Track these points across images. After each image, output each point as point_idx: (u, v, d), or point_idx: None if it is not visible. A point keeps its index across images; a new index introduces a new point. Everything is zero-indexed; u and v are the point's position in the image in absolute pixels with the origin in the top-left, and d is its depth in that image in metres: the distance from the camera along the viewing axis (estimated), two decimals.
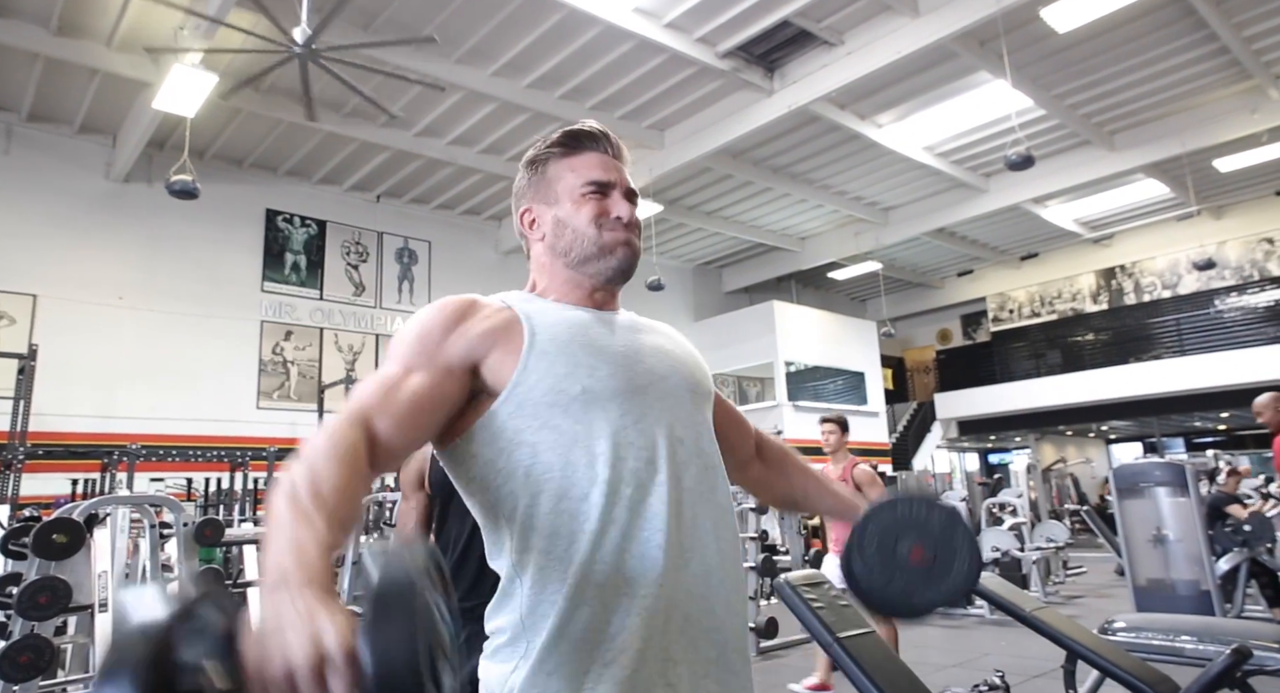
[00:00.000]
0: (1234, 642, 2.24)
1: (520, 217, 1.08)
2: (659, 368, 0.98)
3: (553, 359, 0.91)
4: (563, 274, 1.02)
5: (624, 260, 1.01)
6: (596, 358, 0.93)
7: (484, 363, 0.91)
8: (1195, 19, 7.62)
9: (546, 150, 1.05)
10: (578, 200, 1.01)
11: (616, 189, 1.03)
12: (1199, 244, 12.84)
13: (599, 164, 1.03)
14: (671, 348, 1.04)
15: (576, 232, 1.01)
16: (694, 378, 1.03)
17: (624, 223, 1.01)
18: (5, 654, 2.94)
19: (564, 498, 0.87)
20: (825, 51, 7.83)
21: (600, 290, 1.03)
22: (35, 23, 6.95)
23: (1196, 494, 4.82)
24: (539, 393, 0.89)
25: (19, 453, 6.46)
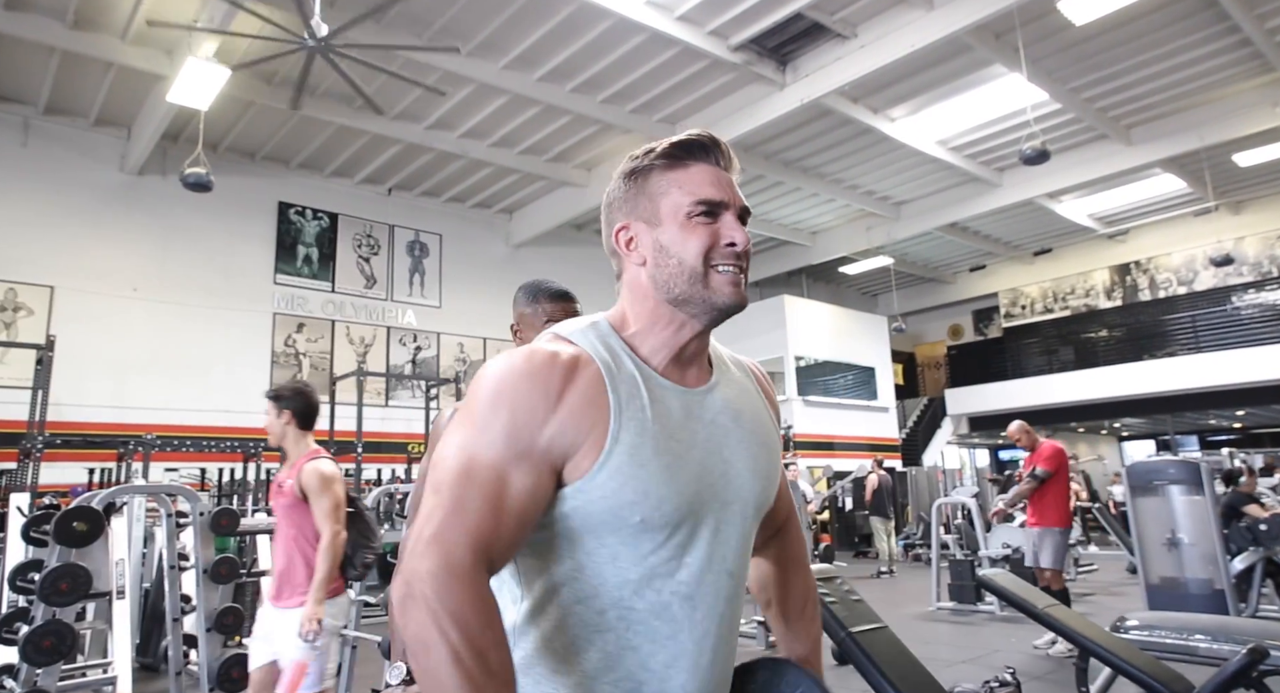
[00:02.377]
0: (1249, 641, 2.23)
1: (615, 234, 0.94)
2: (726, 491, 0.90)
3: (623, 480, 0.83)
4: (661, 311, 0.91)
5: (730, 304, 0.91)
6: (668, 485, 0.84)
7: (572, 458, 0.83)
8: (1216, 10, 7.52)
9: (650, 161, 0.93)
10: (685, 223, 0.90)
11: (729, 210, 0.92)
12: (1216, 240, 12.72)
13: (710, 179, 0.92)
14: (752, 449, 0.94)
15: (682, 264, 0.89)
16: (762, 497, 0.95)
17: (736, 253, 0.90)
18: (29, 639, 2.99)
19: (582, 603, 0.85)
20: (838, 44, 7.78)
21: (696, 340, 0.93)
22: (52, 16, 7.00)
23: (1211, 493, 4.79)
24: (597, 509, 0.83)
25: (38, 442, 6.54)
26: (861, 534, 12.28)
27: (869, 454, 12.55)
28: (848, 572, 9.13)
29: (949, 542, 7.75)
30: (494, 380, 0.84)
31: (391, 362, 10.87)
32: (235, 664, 3.54)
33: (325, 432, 9.34)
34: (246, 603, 5.53)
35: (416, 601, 0.74)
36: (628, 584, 0.84)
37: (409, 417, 10.50)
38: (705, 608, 0.87)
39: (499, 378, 0.84)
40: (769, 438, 0.98)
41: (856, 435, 14.07)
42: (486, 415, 0.83)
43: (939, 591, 6.97)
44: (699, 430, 0.90)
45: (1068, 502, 5.26)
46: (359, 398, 9.09)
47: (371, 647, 3.84)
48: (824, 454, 13.15)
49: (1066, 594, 5.16)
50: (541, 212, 11.51)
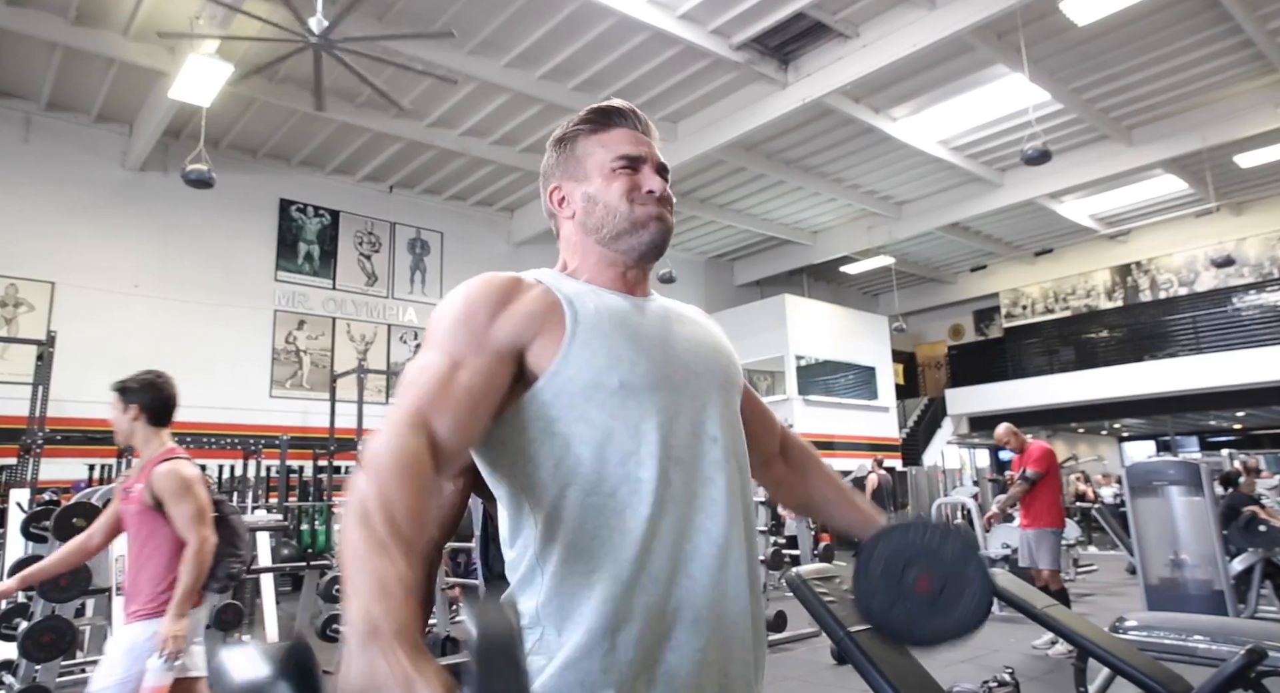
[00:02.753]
0: (1248, 642, 2.23)
1: (549, 195, 1.05)
2: (694, 362, 0.97)
3: (593, 350, 0.89)
4: (595, 252, 1.00)
5: (657, 235, 0.99)
6: (634, 350, 0.91)
7: (529, 349, 0.89)
8: (1219, 11, 7.51)
9: (575, 128, 1.04)
10: (608, 175, 1.00)
11: (647, 163, 1.01)
12: (1218, 241, 12.71)
13: (629, 139, 1.02)
14: (704, 338, 1.02)
15: (608, 207, 0.99)
16: (727, 372, 1.02)
17: (656, 197, 0.99)
18: (28, 635, 2.99)
19: (593, 493, 0.86)
20: (840, 44, 7.77)
21: (633, 269, 1.01)
22: (54, 12, 7.00)
23: (1211, 494, 4.79)
24: (577, 385, 0.87)
25: (38, 438, 6.54)
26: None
27: (869, 454, 12.55)
28: (847, 571, 9.12)
29: None
30: (443, 310, 0.91)
31: (393, 359, 10.87)
32: None
33: (325, 429, 9.36)
34: (246, 600, 5.54)
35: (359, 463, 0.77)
36: (629, 458, 0.87)
37: None
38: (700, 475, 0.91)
39: (447, 306, 0.92)
40: (716, 334, 1.07)
41: (857, 435, 14.07)
42: (441, 332, 0.89)
43: None
44: (651, 320, 0.98)
45: (1060, 502, 5.27)
46: (360, 395, 9.09)
47: None
48: (824, 454, 12.99)
49: (1065, 594, 5.17)
50: (543, 210, 11.49)
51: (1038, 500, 5.21)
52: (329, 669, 0.61)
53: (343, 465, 9.31)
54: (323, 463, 9.11)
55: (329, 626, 4.57)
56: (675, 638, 0.86)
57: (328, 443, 9.15)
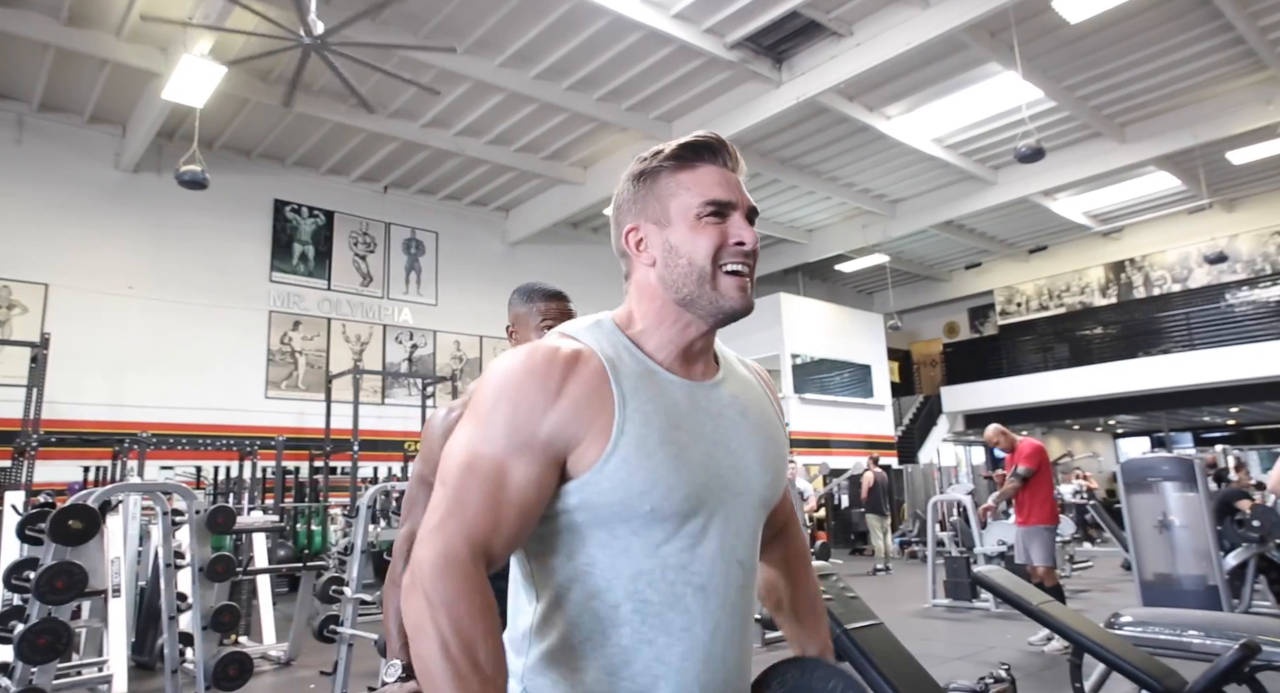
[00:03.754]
0: (1242, 637, 2.25)
1: (625, 236, 0.95)
2: (735, 481, 0.90)
3: (632, 470, 0.83)
4: (668, 311, 0.92)
5: (738, 307, 0.91)
6: (676, 474, 0.85)
7: (575, 450, 0.84)
8: (1209, 9, 7.54)
9: (658, 163, 0.94)
10: (694, 224, 0.91)
11: (738, 211, 0.93)
12: (1210, 237, 12.77)
13: (719, 181, 0.93)
14: (761, 443, 0.95)
15: (692, 264, 0.90)
16: (772, 488, 0.96)
17: (744, 251, 0.91)
18: (24, 637, 2.98)
19: (597, 598, 0.85)
20: (834, 42, 7.79)
21: (703, 338, 0.93)
22: (46, 13, 6.98)
23: (1205, 489, 4.82)
24: (607, 500, 0.83)
25: (32, 440, 6.52)
26: (858, 532, 12.32)
27: (865, 452, 12.58)
28: (844, 569, 9.15)
29: (945, 539, 7.78)
30: (497, 378, 0.86)
31: (388, 360, 10.86)
32: (231, 662, 3.54)
33: (321, 430, 9.34)
34: (243, 601, 5.53)
35: (416, 588, 0.78)
36: (641, 576, 0.85)
37: (405, 415, 10.50)
38: (718, 599, 0.88)
39: (502, 376, 0.86)
40: (775, 432, 0.99)
41: (853, 433, 14.10)
42: (489, 412, 0.84)
43: (935, 587, 7.00)
44: (705, 422, 0.90)
45: (1052, 498, 5.30)
46: (355, 396, 9.08)
47: (368, 645, 3.84)
48: (820, 452, 13.17)
49: (1060, 591, 5.19)
50: (538, 209, 11.50)
51: (1031, 498, 5.24)
52: (327, 670, 0.61)
53: (338, 466, 9.30)
54: (319, 464, 9.09)
55: (326, 626, 4.57)
56: None
57: (323, 444, 9.14)
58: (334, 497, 8.96)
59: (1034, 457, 5.23)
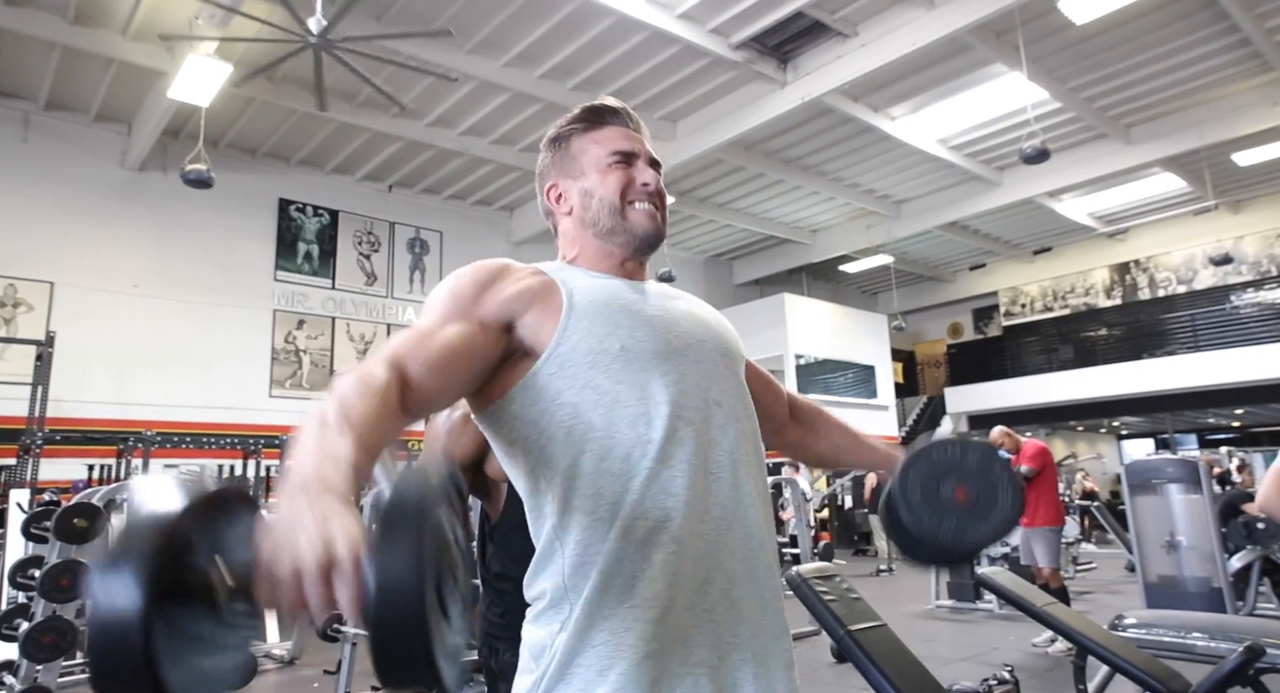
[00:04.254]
0: (1246, 639, 2.24)
1: (546, 193, 1.09)
2: (694, 332, 1.00)
3: (591, 320, 0.92)
4: (593, 245, 1.04)
5: (649, 232, 1.02)
6: (633, 320, 0.94)
7: (520, 321, 0.92)
8: (1216, 10, 7.52)
9: (568, 126, 1.07)
10: (603, 170, 1.03)
11: (640, 158, 1.04)
12: (1216, 239, 12.72)
13: (622, 135, 1.05)
14: (703, 314, 1.06)
15: (603, 201, 1.02)
16: (727, 343, 1.05)
17: (650, 191, 1.03)
18: (29, 635, 2.99)
19: (606, 457, 0.87)
20: (839, 43, 7.78)
21: (630, 260, 1.04)
22: (53, 12, 7.00)
23: (1209, 491, 4.80)
24: (580, 353, 0.90)
25: (37, 438, 6.54)
26: (861, 533, 12.30)
27: None
28: (847, 570, 9.14)
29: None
30: (432, 294, 0.96)
31: None
32: None
33: None
34: None
35: None
36: (639, 420, 0.89)
37: None
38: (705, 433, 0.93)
39: (436, 290, 0.96)
40: (714, 313, 1.10)
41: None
42: (428, 308, 0.94)
43: (938, 589, 6.99)
44: (648, 297, 1.01)
45: (1057, 500, 5.30)
46: None
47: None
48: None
49: (1065, 592, 5.18)
50: (539, 209, 11.49)
51: (1033, 499, 5.23)
52: (330, 670, 0.61)
53: None
54: None
55: (329, 625, 4.58)
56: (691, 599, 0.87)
57: None
58: None
59: (1038, 458, 5.23)
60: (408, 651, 0.57)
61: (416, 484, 0.62)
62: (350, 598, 0.57)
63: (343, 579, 0.57)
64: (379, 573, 0.57)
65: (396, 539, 0.58)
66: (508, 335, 0.92)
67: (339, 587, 0.57)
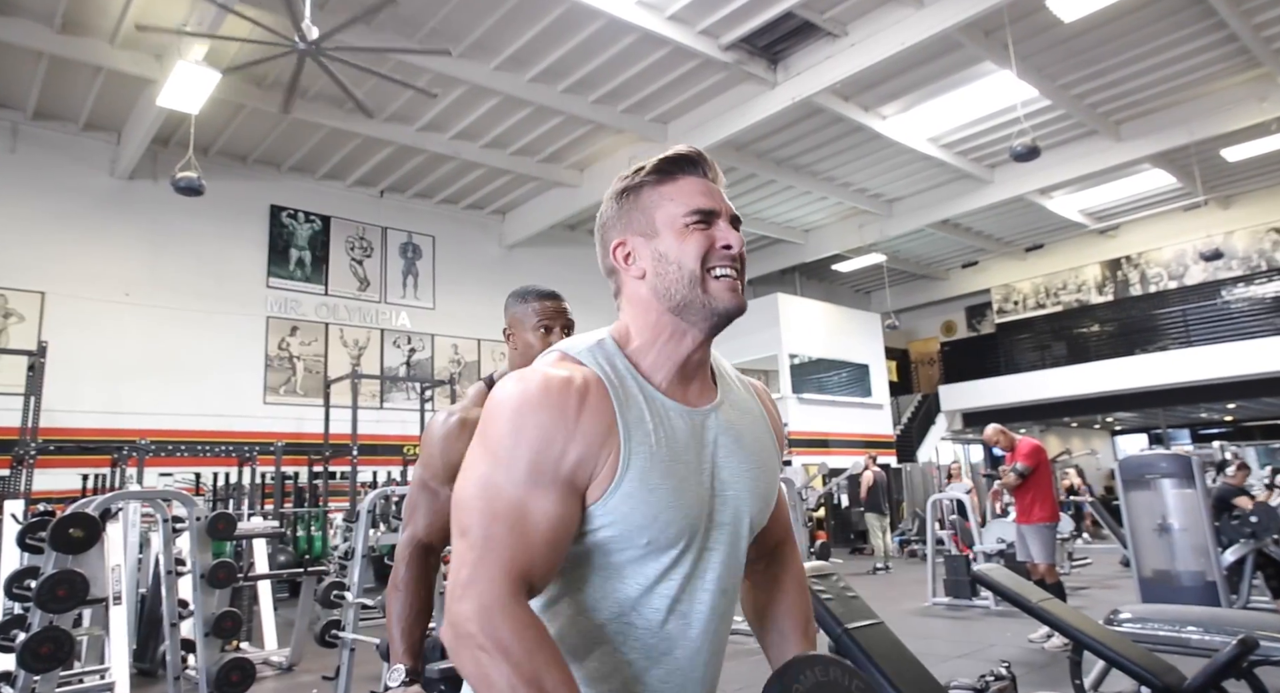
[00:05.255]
0: (1240, 633, 2.26)
1: (613, 251, 0.96)
2: (729, 504, 0.93)
3: (633, 506, 0.85)
4: (664, 323, 0.93)
5: (730, 308, 0.92)
6: (674, 509, 0.86)
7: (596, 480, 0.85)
8: (1203, 7, 7.57)
9: (640, 178, 0.95)
10: (681, 232, 0.91)
11: (722, 217, 0.94)
12: (1206, 234, 12.80)
13: (701, 190, 0.94)
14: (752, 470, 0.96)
15: (681, 268, 0.91)
16: (759, 516, 0.98)
17: (732, 254, 0.92)
18: (26, 646, 2.98)
19: (583, 613, 0.88)
20: (829, 43, 7.80)
21: (698, 350, 0.94)
22: (39, 21, 6.97)
23: (1202, 485, 4.83)
24: (608, 532, 0.85)
25: (31, 449, 6.51)
26: (857, 531, 12.33)
27: (863, 451, 12.60)
28: (844, 568, 9.15)
29: (944, 537, 7.79)
30: (511, 408, 0.84)
31: (386, 364, 10.85)
32: (234, 669, 3.54)
33: (320, 435, 9.34)
34: (244, 607, 5.52)
35: (464, 640, 0.77)
36: (628, 601, 0.87)
37: (404, 419, 10.49)
38: (699, 625, 0.90)
39: (517, 405, 0.84)
40: (769, 461, 1.00)
41: (851, 432, 14.12)
42: (507, 446, 0.83)
43: (935, 586, 7.01)
44: (703, 451, 0.91)
45: (1052, 496, 5.32)
46: (354, 401, 9.08)
47: (370, 649, 3.84)
48: (819, 451, 13.18)
49: (1061, 588, 5.20)
50: (534, 212, 11.51)
51: (1028, 496, 5.26)
52: (329, 675, 0.61)
53: (337, 471, 9.29)
54: (318, 469, 9.09)
55: (327, 631, 4.56)
56: None
57: (322, 449, 9.14)
58: (333, 501, 8.96)
59: (1032, 455, 5.25)
60: None
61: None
62: None
63: None
64: None
65: None
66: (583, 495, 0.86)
67: None
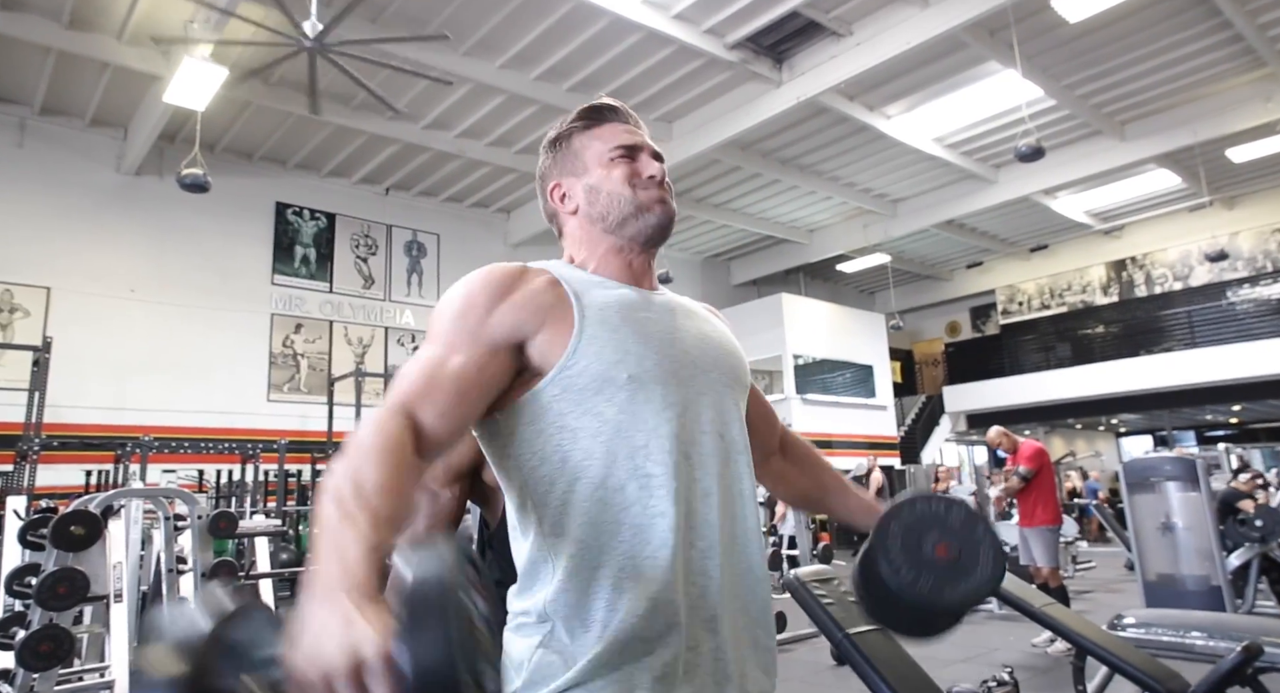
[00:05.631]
0: (1245, 638, 2.24)
1: (549, 194, 1.07)
2: (701, 358, 0.97)
3: (602, 344, 0.89)
4: (603, 242, 1.02)
5: (662, 218, 1.01)
6: (644, 345, 0.92)
7: (531, 341, 0.90)
8: (1208, 7, 7.53)
9: (569, 126, 1.06)
10: (608, 165, 1.02)
11: (644, 151, 1.04)
12: (1211, 235, 12.74)
13: (623, 130, 1.04)
14: (712, 334, 1.03)
15: (611, 194, 1.01)
16: (735, 370, 1.03)
17: (656, 181, 1.02)
18: (26, 644, 2.98)
19: (601, 486, 0.86)
20: (834, 42, 7.78)
21: (639, 256, 1.02)
22: (48, 16, 6.98)
23: (1207, 489, 4.81)
24: (586, 379, 0.88)
25: (34, 444, 6.52)
26: (861, 534, 12.31)
27: (867, 452, 12.58)
28: (847, 571, 9.14)
29: None
30: (443, 303, 0.93)
31: (390, 362, 10.85)
32: None
33: (323, 433, 9.35)
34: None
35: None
36: (638, 452, 0.87)
37: None
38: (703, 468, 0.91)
39: (447, 299, 0.93)
40: (724, 331, 1.07)
41: (855, 434, 14.09)
42: (435, 331, 0.91)
43: None
44: (659, 314, 0.98)
45: (1055, 500, 5.30)
46: (358, 399, 9.09)
47: None
48: (823, 452, 13.13)
49: (1064, 592, 5.18)
50: (539, 211, 11.42)
51: (1031, 499, 5.23)
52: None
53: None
54: (321, 467, 9.10)
55: None
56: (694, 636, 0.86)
57: (326, 447, 9.15)
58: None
59: (1035, 458, 5.23)
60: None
61: (436, 565, 0.63)
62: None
63: (375, 678, 0.57)
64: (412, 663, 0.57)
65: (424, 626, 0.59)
66: (520, 355, 0.90)
67: (373, 687, 0.57)
